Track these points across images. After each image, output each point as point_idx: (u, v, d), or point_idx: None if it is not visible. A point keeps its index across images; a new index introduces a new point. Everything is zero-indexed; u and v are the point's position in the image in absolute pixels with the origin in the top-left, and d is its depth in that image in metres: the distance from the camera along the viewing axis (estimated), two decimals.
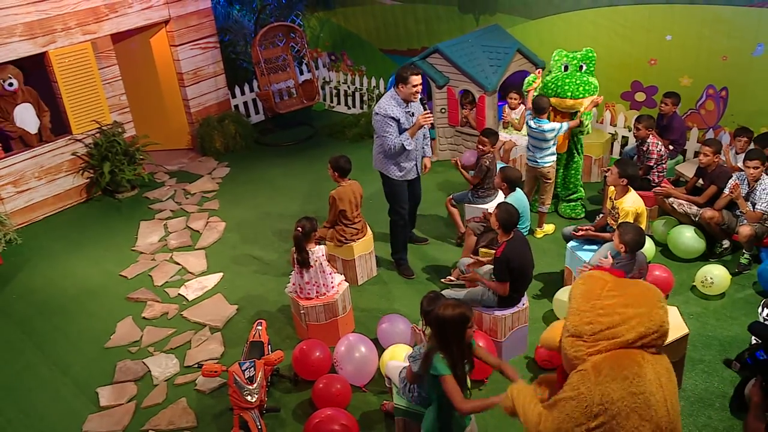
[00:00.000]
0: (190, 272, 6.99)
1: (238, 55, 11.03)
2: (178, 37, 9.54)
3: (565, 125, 6.84)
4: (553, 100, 6.96)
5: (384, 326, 5.51)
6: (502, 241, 5.10)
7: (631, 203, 5.63)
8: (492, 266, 5.47)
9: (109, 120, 8.93)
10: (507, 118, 8.53)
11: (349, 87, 11.13)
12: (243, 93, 10.85)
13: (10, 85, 8.29)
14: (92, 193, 8.90)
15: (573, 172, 7.38)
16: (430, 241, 7.25)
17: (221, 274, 6.91)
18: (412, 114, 6.16)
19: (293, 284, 5.74)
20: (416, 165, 6.43)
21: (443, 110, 9.07)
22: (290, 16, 11.44)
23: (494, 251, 5.68)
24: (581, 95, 6.90)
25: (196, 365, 4.90)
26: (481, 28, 9.47)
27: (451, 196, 7.13)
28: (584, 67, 6.99)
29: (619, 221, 5.55)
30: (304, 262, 5.54)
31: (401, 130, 6.10)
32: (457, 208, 7.13)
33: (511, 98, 8.32)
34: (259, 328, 5.18)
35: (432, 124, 6.36)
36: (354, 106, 11.11)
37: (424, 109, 6.36)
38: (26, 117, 8.47)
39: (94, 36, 8.65)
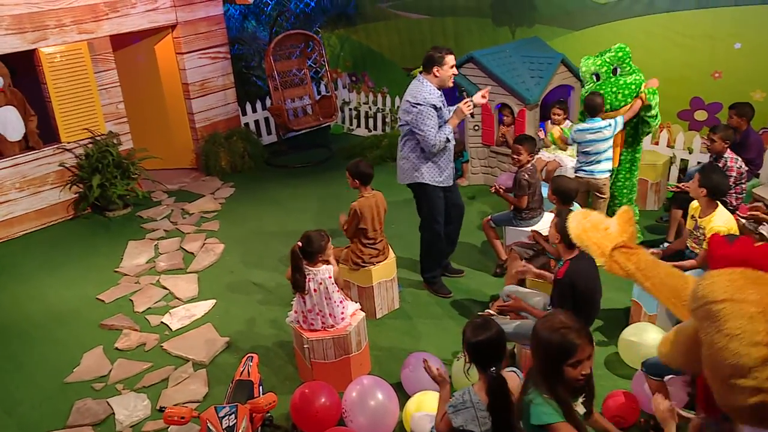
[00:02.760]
0: (177, 298, 5.94)
1: (251, 70, 10.16)
2: (186, 44, 8.69)
3: (620, 119, 5.82)
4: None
5: (410, 368, 4.39)
6: (565, 260, 4.00)
7: (723, 222, 4.51)
8: (539, 298, 4.41)
9: (104, 129, 8.03)
10: (547, 136, 7.50)
11: (370, 108, 10.18)
12: (254, 111, 9.94)
13: None
14: (80, 209, 7.94)
15: (625, 190, 6.33)
16: (464, 272, 6.17)
17: (213, 301, 5.85)
18: (441, 107, 5.24)
19: (295, 312, 4.66)
20: (453, 167, 5.51)
21: (476, 128, 8.07)
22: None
23: (546, 278, 4.62)
24: (622, 103, 5.94)
25: (158, 409, 3.73)
26: (519, 41, 8.53)
27: (489, 218, 6.06)
28: (618, 70, 5.99)
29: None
30: (297, 285, 4.47)
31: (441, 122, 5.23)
32: (497, 231, 6.06)
33: (555, 113, 7.27)
34: (250, 363, 4.09)
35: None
36: (375, 129, 10.15)
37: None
38: (9, 121, 7.58)
39: (91, 36, 7.81)
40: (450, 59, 5.13)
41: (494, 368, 2.93)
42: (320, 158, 9.35)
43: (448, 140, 5.25)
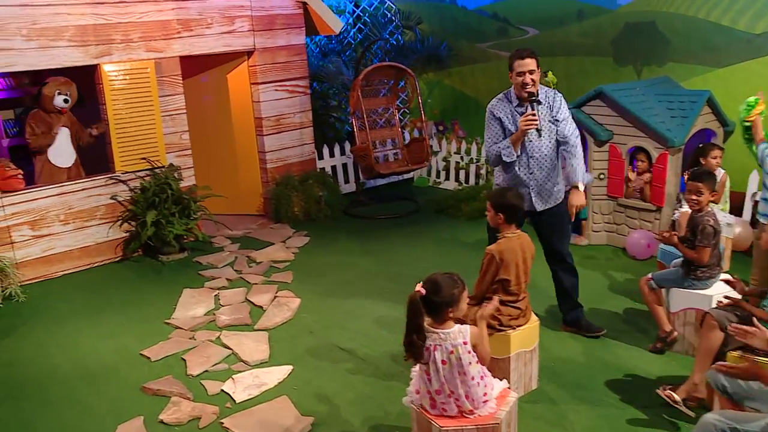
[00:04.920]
0: (242, 360, 4.59)
1: (330, 111, 9.08)
2: (262, 73, 7.68)
3: None
4: None
5: None
6: None
7: None
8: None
9: (164, 161, 6.95)
10: None
11: (462, 158, 8.93)
12: (332, 155, 8.79)
13: (66, 101, 6.59)
14: (129, 250, 6.77)
15: None
16: (601, 341, 4.76)
17: (289, 367, 4.48)
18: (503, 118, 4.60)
19: (416, 390, 3.25)
20: (532, 196, 4.61)
21: (602, 176, 6.71)
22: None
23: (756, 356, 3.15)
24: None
25: None
26: (647, 80, 7.26)
27: (650, 276, 4.62)
28: None
29: None
30: (414, 352, 3.09)
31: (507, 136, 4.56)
32: (659, 294, 4.61)
33: (713, 156, 5.86)
34: None
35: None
36: (467, 182, 8.86)
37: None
38: (59, 145, 6.61)
39: (159, 55, 6.85)
40: (519, 64, 4.40)
41: None
42: (406, 211, 8.07)
43: (500, 158, 4.55)
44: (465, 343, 3.09)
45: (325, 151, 8.67)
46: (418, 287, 3.05)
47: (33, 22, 6.06)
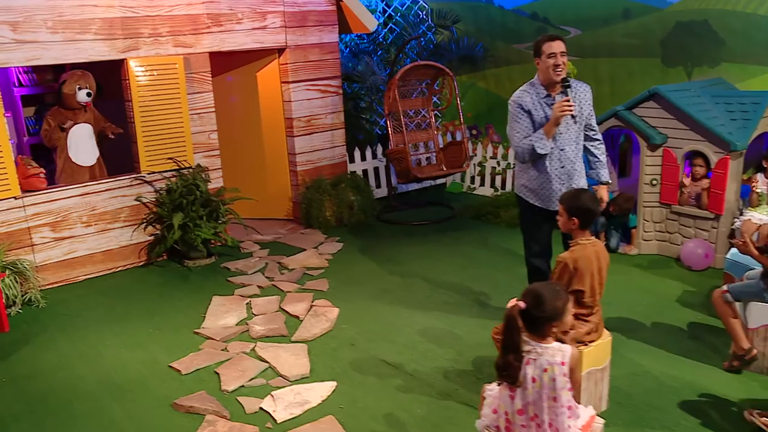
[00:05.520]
0: (281, 375, 4.23)
1: (361, 112, 8.74)
2: (293, 72, 7.35)
3: None
4: None
5: None
6: None
7: None
8: None
9: (192, 161, 6.62)
10: (757, 192, 5.71)
11: (498, 163, 8.55)
12: (363, 158, 8.44)
13: (88, 95, 6.29)
14: (154, 254, 6.45)
15: None
16: (669, 358, 4.34)
17: (333, 384, 4.11)
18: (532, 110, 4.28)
19: (494, 411, 2.87)
20: (562, 192, 4.20)
21: (654, 182, 6.32)
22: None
23: None
24: None
25: None
26: (699, 81, 6.86)
27: (725, 289, 4.21)
28: None
29: None
30: (508, 373, 2.71)
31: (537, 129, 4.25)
32: (734, 308, 4.20)
33: None
34: None
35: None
36: (504, 188, 8.47)
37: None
38: (82, 143, 6.31)
39: (188, 51, 6.54)
40: (549, 46, 4.15)
41: None
42: (441, 217, 7.69)
43: (534, 150, 4.18)
44: (563, 364, 2.71)
45: (356, 154, 8.32)
46: (513, 301, 2.67)
47: (59, 14, 5.76)
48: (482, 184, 8.77)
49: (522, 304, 2.67)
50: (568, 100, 4.08)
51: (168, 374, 4.31)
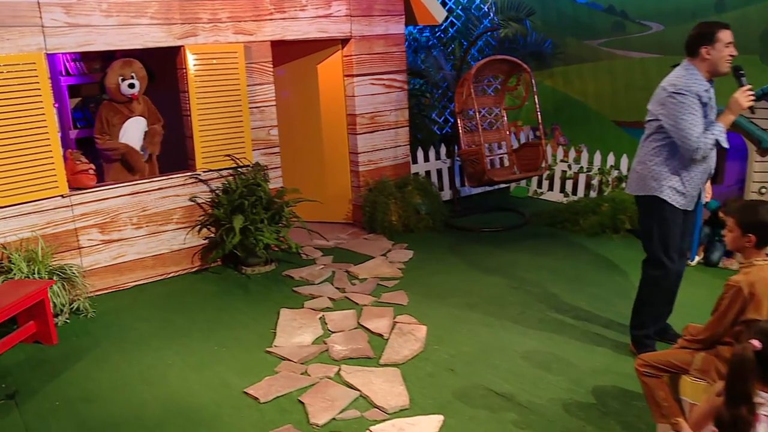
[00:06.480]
0: (377, 406, 3.62)
1: (423, 109, 8.15)
2: (358, 65, 6.77)
3: None
4: None
5: None
6: None
7: None
8: None
9: (251, 159, 6.07)
10: None
11: (570, 167, 7.91)
12: (426, 159, 7.84)
13: (131, 86, 5.71)
14: (209, 260, 5.89)
15: None
16: None
17: (440, 418, 3.49)
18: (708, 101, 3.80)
19: None
20: (700, 192, 4.10)
21: (763, 190, 5.66)
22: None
23: None
24: None
25: None
26: None
27: None
28: None
29: None
30: (734, 426, 2.09)
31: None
32: None
33: None
34: None
35: None
36: (576, 194, 7.82)
37: None
38: (134, 138, 5.80)
39: (249, 39, 5.99)
40: (724, 35, 3.74)
41: None
42: (513, 224, 7.07)
43: (718, 144, 3.80)
44: None
45: (419, 154, 7.72)
46: (745, 341, 2.06)
47: None
48: (550, 188, 8.12)
49: (757, 344, 2.05)
50: (751, 88, 3.70)
51: (243, 402, 3.72)
